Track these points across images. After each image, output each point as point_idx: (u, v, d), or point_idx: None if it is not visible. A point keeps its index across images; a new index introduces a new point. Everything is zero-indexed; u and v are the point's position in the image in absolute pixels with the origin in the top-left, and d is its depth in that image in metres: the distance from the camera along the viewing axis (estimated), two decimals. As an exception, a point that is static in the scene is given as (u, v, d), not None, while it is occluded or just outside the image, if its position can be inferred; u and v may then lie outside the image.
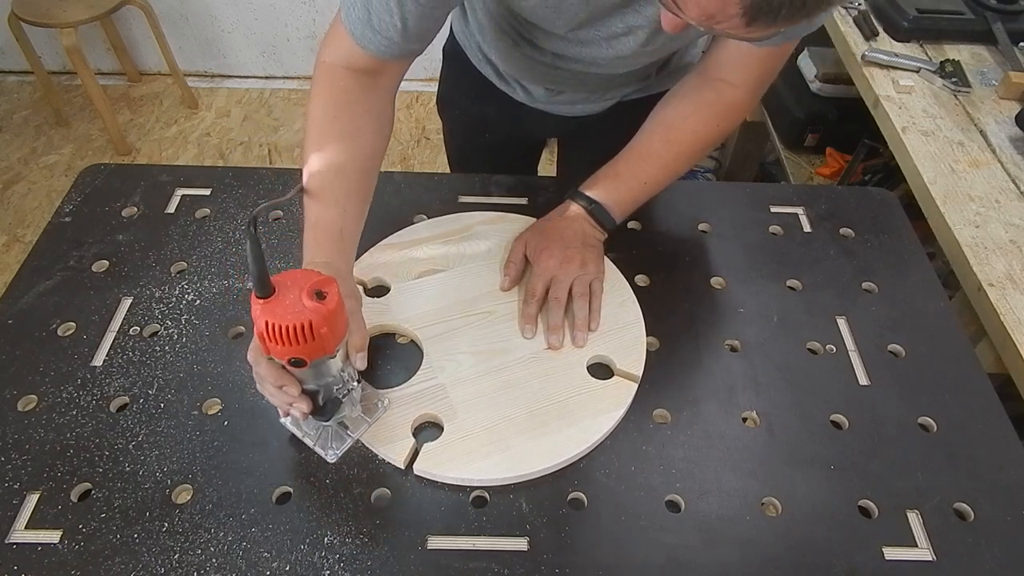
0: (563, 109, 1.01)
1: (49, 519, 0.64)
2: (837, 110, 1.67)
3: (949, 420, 0.74)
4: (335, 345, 0.58)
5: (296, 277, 0.56)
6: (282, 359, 0.58)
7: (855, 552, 0.64)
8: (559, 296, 0.78)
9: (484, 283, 0.83)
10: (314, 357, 0.57)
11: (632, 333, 0.78)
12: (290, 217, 0.91)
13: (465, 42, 1.03)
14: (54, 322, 0.79)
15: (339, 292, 0.57)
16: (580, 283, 0.79)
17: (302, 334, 0.54)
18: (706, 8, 0.48)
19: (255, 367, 0.62)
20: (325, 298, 0.55)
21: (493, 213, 0.91)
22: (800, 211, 0.95)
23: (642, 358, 0.76)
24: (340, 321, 0.57)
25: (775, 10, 0.46)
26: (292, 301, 0.54)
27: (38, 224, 2.13)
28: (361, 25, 0.69)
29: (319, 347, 0.56)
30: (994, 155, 1.14)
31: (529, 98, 1.01)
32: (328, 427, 0.68)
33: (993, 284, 0.94)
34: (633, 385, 0.74)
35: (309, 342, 0.55)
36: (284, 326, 0.54)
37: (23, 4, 2.13)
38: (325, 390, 0.63)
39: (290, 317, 0.54)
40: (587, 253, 0.81)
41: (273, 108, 2.60)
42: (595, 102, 1.00)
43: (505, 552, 0.63)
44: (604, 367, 0.76)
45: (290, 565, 0.61)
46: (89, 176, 0.96)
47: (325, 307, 0.54)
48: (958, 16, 1.38)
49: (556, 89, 0.97)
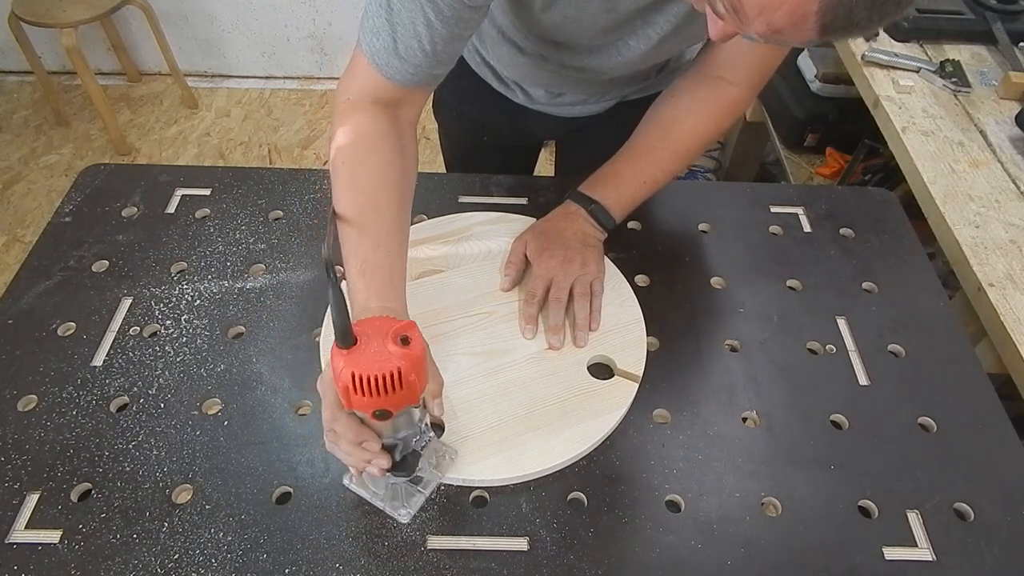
0: (563, 111, 1.01)
1: (49, 519, 0.64)
2: (837, 110, 1.67)
3: (949, 420, 0.74)
4: (421, 393, 0.55)
5: (375, 325, 0.54)
6: (366, 412, 0.54)
7: (855, 552, 0.64)
8: (560, 297, 0.78)
9: (484, 283, 0.83)
10: (400, 407, 0.55)
11: (632, 333, 0.78)
12: (290, 217, 0.91)
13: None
14: (54, 322, 0.79)
15: (421, 336, 0.54)
16: (580, 283, 0.79)
17: (391, 384, 0.51)
18: (775, 24, 0.45)
19: (331, 424, 0.58)
20: (410, 343, 0.52)
21: (493, 213, 0.91)
22: (800, 211, 0.95)
23: (642, 359, 0.76)
24: (425, 367, 0.55)
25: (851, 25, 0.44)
26: (377, 349, 0.51)
27: (38, 224, 2.13)
28: (387, 54, 0.67)
29: (407, 396, 0.53)
30: (994, 155, 1.14)
31: (529, 100, 1.01)
32: (398, 484, 0.64)
33: (993, 284, 0.94)
34: (634, 385, 0.74)
35: (398, 391, 0.52)
36: (373, 376, 0.51)
37: (23, 4, 2.13)
38: (404, 443, 0.60)
39: (377, 366, 0.51)
40: (587, 253, 0.81)
41: (273, 108, 2.60)
42: (596, 103, 1.00)
43: (505, 552, 0.63)
44: (605, 367, 0.76)
45: (290, 565, 0.61)
46: (89, 176, 0.96)
47: (412, 353, 0.52)
48: (958, 16, 1.38)
49: (557, 92, 0.97)
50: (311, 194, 0.94)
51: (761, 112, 1.93)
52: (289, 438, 0.70)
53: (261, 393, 0.73)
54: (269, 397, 0.73)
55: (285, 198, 0.94)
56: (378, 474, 0.59)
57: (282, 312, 0.81)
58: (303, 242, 0.88)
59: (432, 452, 0.65)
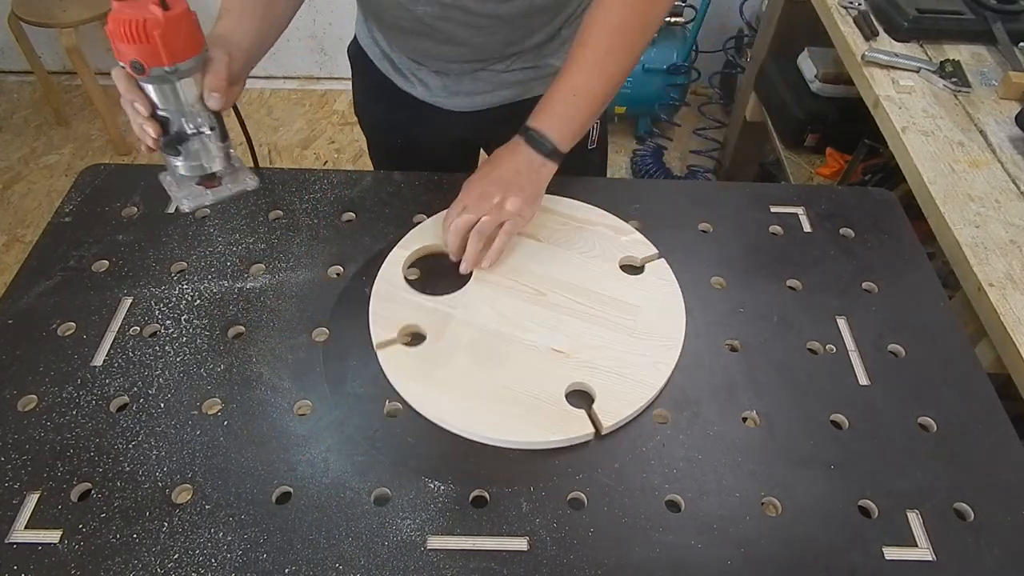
0: (465, 103, 1.01)
1: (49, 519, 0.64)
2: (837, 110, 1.67)
3: (949, 420, 0.74)
4: (173, 57, 0.65)
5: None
6: (125, 63, 0.65)
7: (855, 552, 0.64)
8: (459, 226, 0.81)
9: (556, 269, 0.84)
10: (152, 63, 0.64)
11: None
12: (290, 217, 0.91)
13: (366, 42, 1.05)
14: (54, 322, 0.79)
15: (186, 9, 0.64)
16: (488, 220, 0.81)
17: (138, 32, 0.62)
18: None
19: (117, 83, 0.68)
20: (168, 8, 0.62)
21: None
22: (800, 211, 0.95)
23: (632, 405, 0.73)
24: (179, 33, 0.64)
25: None
26: (139, 5, 0.62)
27: (38, 224, 2.13)
28: None
29: (154, 51, 0.64)
30: (994, 155, 1.14)
31: (428, 92, 1.01)
32: (194, 186, 0.75)
33: (993, 284, 0.94)
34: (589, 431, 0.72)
35: (145, 42, 0.63)
36: (125, 21, 0.62)
37: (23, 4, 2.13)
38: (175, 119, 0.69)
39: (130, 14, 0.62)
40: (510, 193, 0.81)
41: (273, 108, 2.60)
42: (493, 91, 0.99)
43: (505, 552, 0.63)
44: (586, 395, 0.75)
45: (290, 565, 0.61)
46: (89, 176, 0.96)
47: (163, 15, 0.62)
48: (958, 16, 1.38)
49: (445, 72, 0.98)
50: (311, 194, 0.94)
51: (761, 112, 1.93)
52: (289, 438, 0.70)
53: (261, 393, 0.73)
54: (269, 397, 0.73)
55: (285, 198, 0.94)
56: (149, 142, 0.69)
57: (282, 312, 0.81)
58: (303, 242, 0.88)
59: (232, 171, 0.76)
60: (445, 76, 0.99)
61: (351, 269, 0.85)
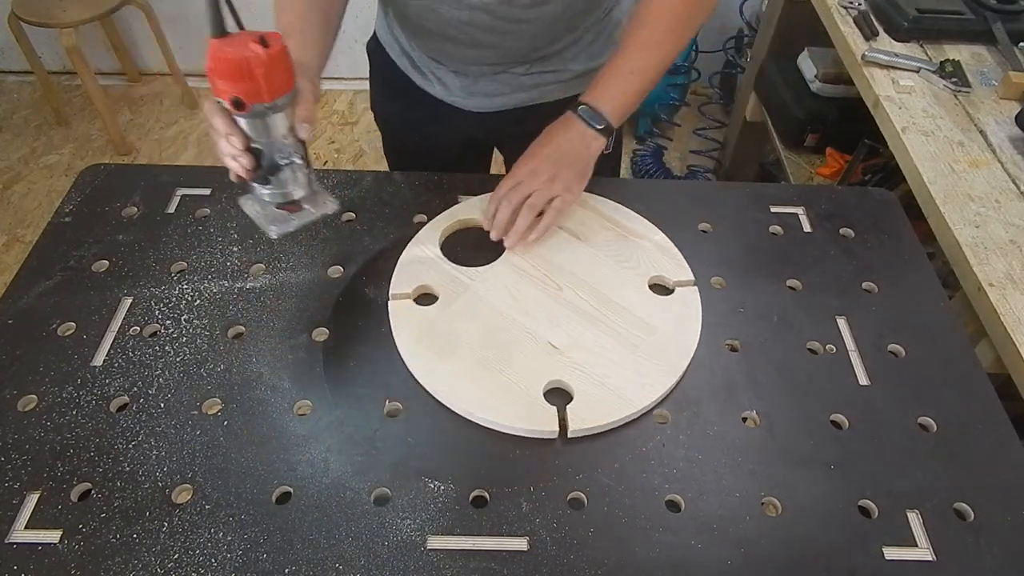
0: (483, 103, 1.01)
1: (49, 519, 0.64)
2: (837, 110, 1.67)
3: (949, 420, 0.74)
4: (273, 93, 0.65)
5: (249, 32, 0.64)
6: (225, 98, 0.64)
7: (855, 552, 0.64)
8: (511, 199, 0.83)
9: (583, 269, 0.84)
10: (252, 100, 0.64)
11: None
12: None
13: (386, 38, 1.05)
14: (54, 322, 0.79)
15: (284, 47, 0.64)
16: (539, 195, 0.82)
17: (240, 71, 0.62)
18: None
19: (209, 117, 0.67)
20: (268, 46, 0.62)
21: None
22: (800, 211, 0.95)
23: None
24: (279, 70, 0.64)
25: None
26: (239, 44, 0.62)
27: (38, 224, 2.13)
28: None
29: (255, 89, 0.63)
30: (994, 155, 1.14)
31: (446, 92, 1.01)
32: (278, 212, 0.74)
33: (993, 284, 0.94)
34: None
35: (246, 81, 0.62)
36: (228, 60, 0.62)
37: (23, 4, 2.13)
38: (268, 151, 0.69)
39: (233, 54, 0.62)
40: (563, 169, 0.83)
41: (273, 108, 2.60)
42: (512, 92, 1.00)
43: (505, 552, 0.63)
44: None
45: (290, 565, 0.61)
46: (89, 176, 0.96)
47: (267, 52, 0.62)
48: (958, 16, 1.38)
49: (465, 73, 0.98)
50: (311, 194, 0.94)
51: (761, 112, 1.93)
52: (289, 438, 0.70)
53: (261, 393, 0.73)
54: (269, 397, 0.73)
55: (285, 198, 0.94)
56: (242, 173, 0.69)
57: (282, 312, 0.81)
58: (303, 242, 0.88)
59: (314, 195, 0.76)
60: (464, 76, 0.99)
61: (351, 269, 0.85)
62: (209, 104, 0.68)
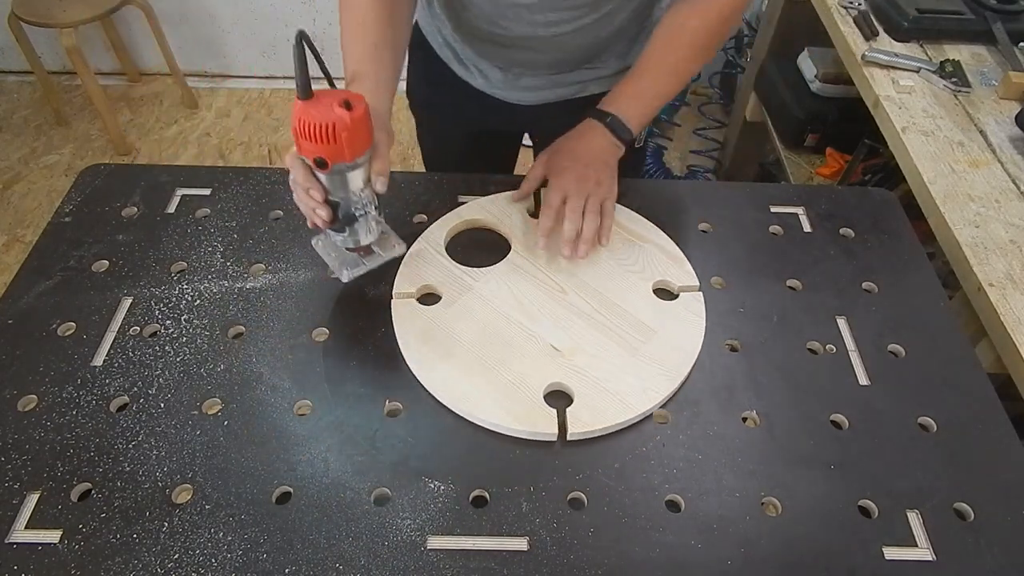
0: (523, 96, 1.03)
1: (49, 519, 0.64)
2: (837, 110, 1.67)
3: (949, 420, 0.74)
4: (354, 154, 0.67)
5: (333, 92, 0.67)
6: (309, 158, 0.67)
7: (855, 552, 0.64)
8: (575, 209, 0.83)
9: (587, 273, 0.84)
10: (335, 160, 0.67)
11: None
12: (290, 217, 0.91)
13: (428, 28, 1.05)
14: (54, 322, 0.79)
15: (366, 108, 0.66)
16: (593, 200, 0.84)
17: (326, 134, 0.64)
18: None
19: (292, 171, 0.70)
20: (352, 109, 0.65)
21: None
22: (800, 211, 0.95)
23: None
24: (361, 132, 0.67)
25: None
26: (325, 107, 0.64)
27: (38, 224, 2.13)
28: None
29: (340, 150, 0.66)
30: (994, 155, 1.14)
31: (487, 84, 1.02)
32: (348, 253, 0.78)
33: (993, 284, 0.94)
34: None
35: (332, 143, 0.64)
36: (314, 124, 0.64)
37: (23, 4, 2.13)
38: (345, 203, 0.72)
39: (320, 118, 0.64)
40: (602, 173, 0.86)
41: (273, 108, 2.60)
42: (552, 88, 1.01)
43: (505, 552, 0.63)
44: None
45: (290, 565, 0.61)
46: (89, 176, 0.96)
47: (351, 115, 0.64)
48: (958, 16, 1.38)
49: (509, 69, 0.99)
50: (311, 194, 0.94)
51: (761, 112, 1.93)
52: (289, 438, 0.70)
53: (261, 393, 0.73)
54: (269, 397, 0.73)
55: (285, 198, 0.94)
56: (320, 224, 0.71)
57: (282, 312, 0.81)
58: (303, 242, 0.88)
59: (382, 239, 0.79)
60: (508, 72, 1.00)
61: (351, 269, 0.85)
62: (291, 157, 0.70)
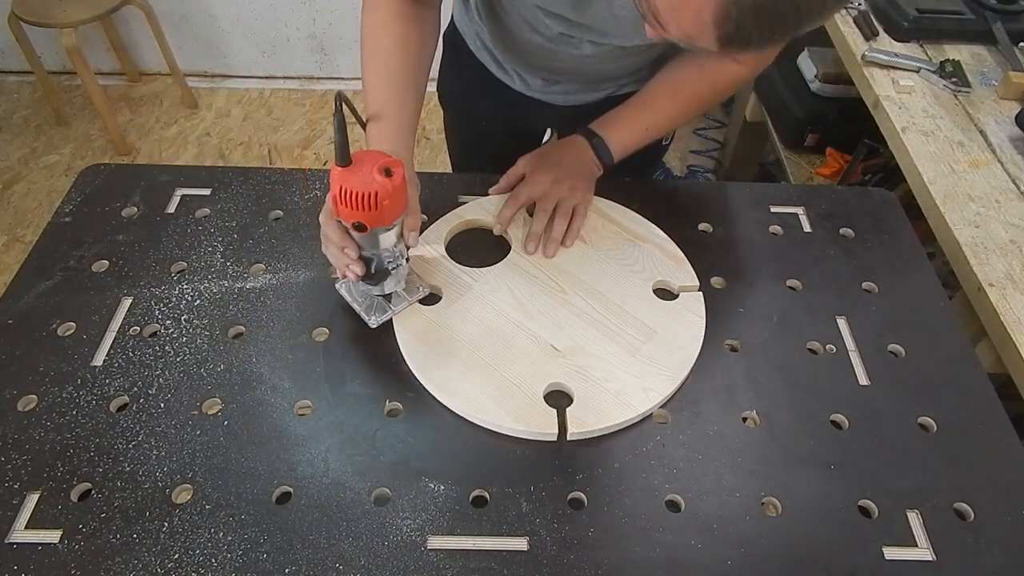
0: (559, 99, 1.03)
1: (49, 519, 0.64)
2: (837, 110, 1.67)
3: (949, 420, 0.74)
4: (393, 218, 0.68)
5: (371, 156, 0.67)
6: (347, 222, 0.68)
7: (855, 552, 0.64)
8: (545, 208, 0.85)
9: (587, 273, 0.84)
10: (374, 225, 0.68)
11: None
12: (290, 217, 0.91)
13: (465, 29, 1.05)
14: (54, 322, 0.79)
15: (404, 174, 0.67)
16: (565, 203, 0.86)
17: (367, 202, 0.65)
18: (686, 29, 0.50)
19: (324, 228, 0.72)
20: (392, 176, 0.65)
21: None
22: (800, 211, 0.95)
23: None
24: (401, 198, 0.68)
25: (746, 40, 0.48)
26: (365, 173, 0.65)
27: (38, 224, 2.13)
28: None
29: (380, 216, 0.67)
30: (994, 155, 1.14)
31: (526, 87, 1.03)
32: (375, 298, 0.79)
33: (993, 284, 0.94)
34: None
35: (372, 210, 0.66)
36: (355, 192, 0.64)
37: (23, 4, 2.13)
38: (378, 259, 0.73)
39: (361, 186, 0.64)
40: (579, 180, 0.88)
41: (273, 108, 2.60)
42: (589, 92, 1.02)
43: (505, 552, 0.63)
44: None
45: (290, 565, 0.61)
46: (89, 176, 0.96)
47: (391, 183, 0.65)
48: (958, 16, 1.38)
49: (553, 79, 1.00)
50: (311, 194, 0.94)
51: (761, 112, 1.93)
52: (289, 438, 0.70)
53: (261, 393, 0.73)
54: (269, 397, 0.73)
55: (285, 198, 0.94)
56: (353, 279, 0.73)
57: (282, 312, 0.81)
58: (303, 242, 0.88)
59: (408, 282, 0.80)
60: (547, 80, 1.01)
61: (351, 269, 0.85)
62: (325, 216, 0.72)
